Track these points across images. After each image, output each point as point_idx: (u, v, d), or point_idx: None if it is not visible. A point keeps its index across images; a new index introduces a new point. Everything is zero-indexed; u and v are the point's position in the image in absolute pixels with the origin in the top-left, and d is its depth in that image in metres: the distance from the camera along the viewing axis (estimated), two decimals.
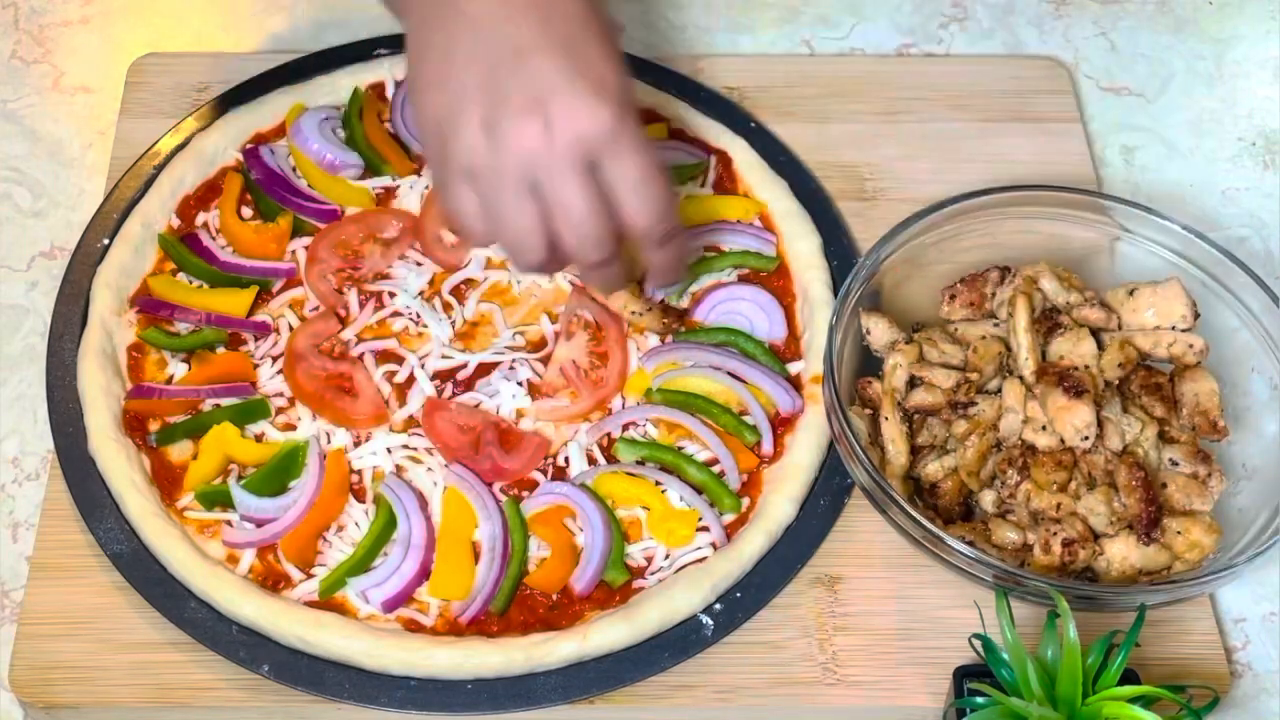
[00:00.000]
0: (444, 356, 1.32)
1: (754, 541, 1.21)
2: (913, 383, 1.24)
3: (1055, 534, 1.16)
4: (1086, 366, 1.20)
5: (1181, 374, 1.25)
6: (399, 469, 1.25)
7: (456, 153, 1.08)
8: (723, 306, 1.35)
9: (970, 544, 1.14)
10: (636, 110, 1.09)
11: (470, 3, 1.08)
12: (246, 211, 1.40)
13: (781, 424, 1.28)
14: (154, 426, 1.26)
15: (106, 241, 1.35)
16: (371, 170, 1.42)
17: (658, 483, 1.24)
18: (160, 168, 1.40)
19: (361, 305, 1.34)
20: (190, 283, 1.34)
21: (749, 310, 1.35)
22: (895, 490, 1.16)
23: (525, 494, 1.24)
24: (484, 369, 1.31)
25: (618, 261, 1.15)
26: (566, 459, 1.26)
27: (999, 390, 1.22)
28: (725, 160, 1.43)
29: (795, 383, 1.30)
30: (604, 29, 1.10)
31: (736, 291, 1.36)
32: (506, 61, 1.06)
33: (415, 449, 1.26)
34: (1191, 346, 1.24)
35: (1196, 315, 1.25)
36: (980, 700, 1.05)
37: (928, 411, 1.23)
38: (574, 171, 1.07)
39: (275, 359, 1.30)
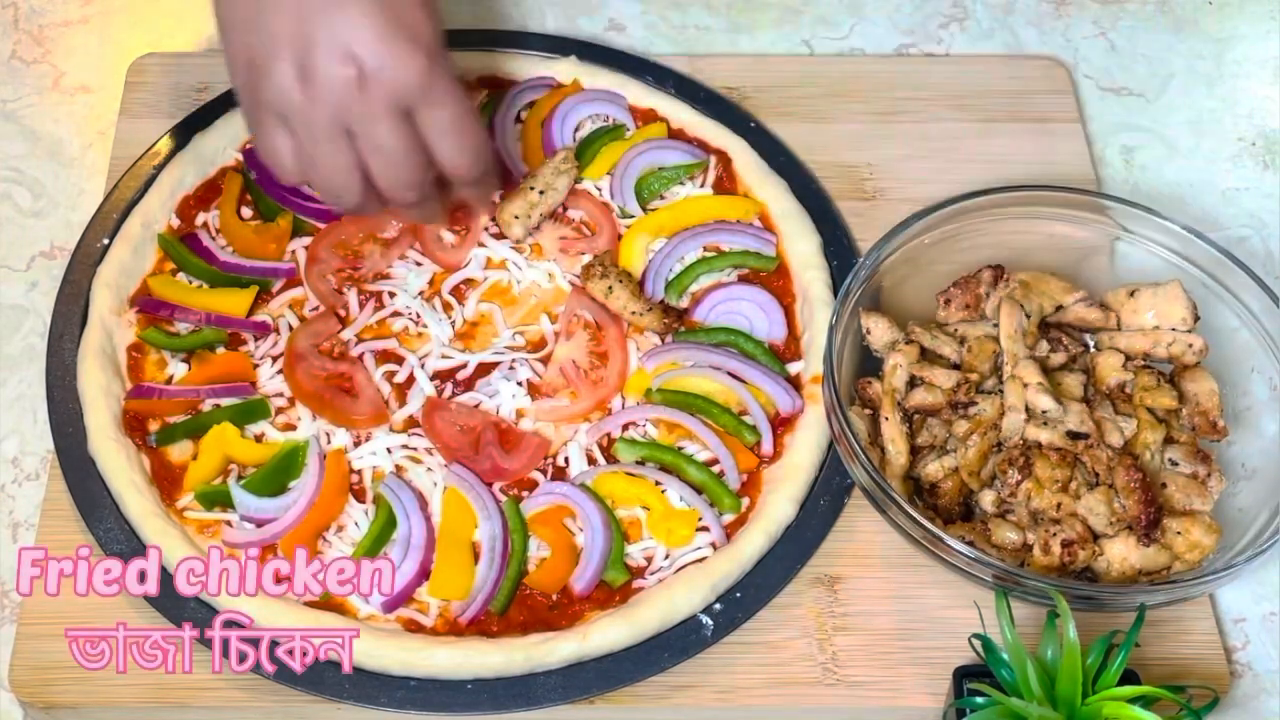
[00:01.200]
0: (444, 356, 1.32)
1: (754, 541, 1.21)
2: (913, 383, 1.24)
3: (1055, 534, 1.16)
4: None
5: (1181, 374, 1.25)
6: (399, 469, 1.25)
7: (269, 96, 1.11)
8: (723, 306, 1.35)
9: (970, 544, 1.14)
10: (448, 57, 1.12)
11: None
12: (246, 211, 1.40)
13: (781, 424, 1.28)
14: (154, 426, 1.26)
15: (106, 241, 1.35)
16: None
17: (658, 483, 1.24)
18: (160, 168, 1.40)
19: (361, 305, 1.34)
20: (190, 283, 1.34)
21: (749, 310, 1.35)
22: (895, 490, 1.16)
23: (525, 494, 1.24)
24: (484, 369, 1.31)
25: (434, 199, 1.19)
26: (566, 459, 1.26)
27: (999, 390, 1.22)
28: (725, 160, 1.43)
29: (795, 383, 1.30)
30: None
31: (736, 291, 1.36)
32: (323, 10, 1.08)
33: (415, 449, 1.26)
34: (1191, 346, 1.24)
35: (1196, 317, 1.25)
36: (980, 700, 1.05)
37: (928, 411, 1.23)
38: (387, 118, 1.10)
39: (275, 359, 1.30)
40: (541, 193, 1.38)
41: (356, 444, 1.26)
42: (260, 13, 1.10)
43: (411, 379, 1.30)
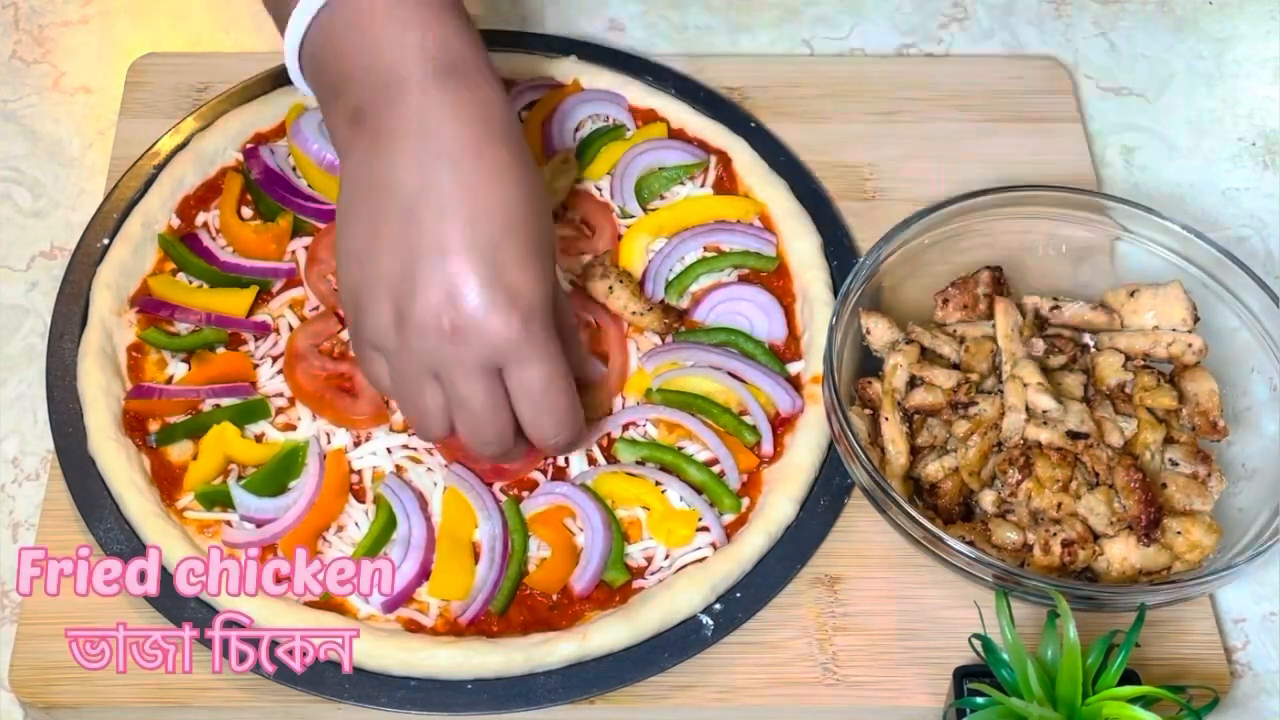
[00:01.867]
0: None
1: (754, 541, 1.21)
2: (913, 383, 1.24)
3: (1055, 534, 1.16)
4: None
5: (1181, 374, 1.25)
6: (399, 469, 1.25)
7: (367, 330, 1.11)
8: (723, 306, 1.35)
9: (970, 544, 1.14)
10: (549, 321, 1.10)
11: (401, 176, 1.08)
12: (246, 211, 1.40)
13: (781, 424, 1.28)
14: (154, 426, 1.26)
15: (106, 241, 1.35)
16: None
17: (658, 483, 1.24)
18: (160, 168, 1.40)
19: None
20: (190, 283, 1.34)
21: (749, 310, 1.35)
22: (895, 490, 1.16)
23: (525, 494, 1.24)
24: None
25: (518, 451, 1.17)
26: (567, 459, 1.26)
27: (999, 390, 1.22)
28: (725, 160, 1.43)
29: (795, 383, 1.30)
30: (531, 235, 1.09)
31: (736, 291, 1.36)
32: (426, 257, 1.07)
33: (415, 449, 1.26)
34: (1190, 346, 1.24)
35: (1196, 318, 1.25)
36: (980, 700, 1.05)
37: (928, 412, 1.23)
38: (475, 375, 1.09)
39: (275, 359, 1.30)
40: None
41: (356, 444, 1.26)
42: (372, 250, 1.09)
43: None
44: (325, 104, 1.16)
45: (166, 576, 1.18)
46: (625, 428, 1.28)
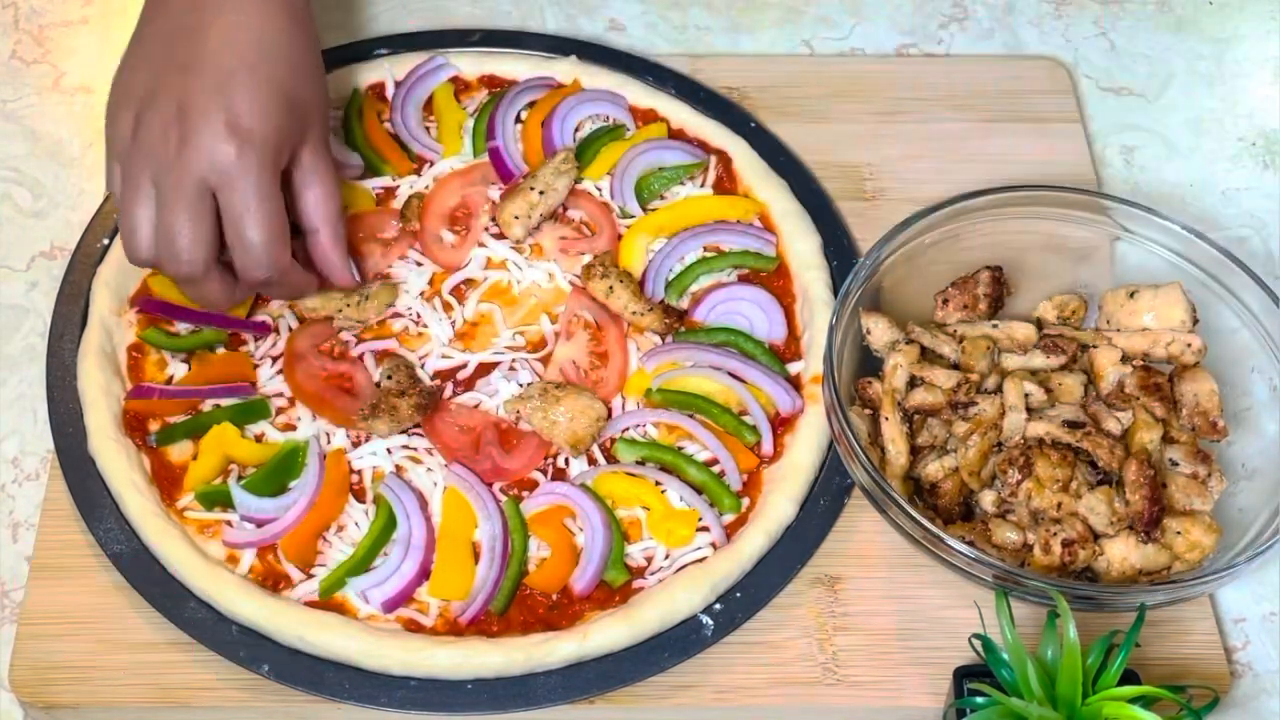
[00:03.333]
0: (444, 356, 1.32)
1: (754, 541, 1.21)
2: (913, 383, 1.24)
3: (1055, 534, 1.16)
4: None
5: (1181, 374, 1.25)
6: (399, 469, 1.25)
7: (113, 140, 1.20)
8: (723, 306, 1.35)
9: (970, 544, 1.14)
10: (269, 161, 1.17)
11: (175, 6, 1.20)
12: None
13: (781, 424, 1.28)
14: (154, 426, 1.26)
15: (106, 241, 1.35)
16: (371, 170, 1.42)
17: (658, 483, 1.24)
18: None
19: None
20: None
21: (749, 310, 1.35)
22: (895, 490, 1.16)
23: (525, 494, 1.24)
24: (484, 369, 1.31)
25: (209, 286, 1.20)
26: (566, 459, 1.26)
27: (999, 390, 1.22)
28: (725, 160, 1.43)
29: (795, 383, 1.30)
30: (272, 77, 1.18)
31: (736, 291, 1.36)
32: (170, 74, 1.17)
33: (415, 449, 1.26)
34: (1190, 346, 1.24)
35: (1195, 319, 1.25)
36: (980, 700, 1.05)
37: (928, 412, 1.23)
38: (185, 189, 1.15)
39: (275, 359, 1.30)
40: (541, 193, 1.38)
41: (356, 444, 1.26)
42: (133, 68, 1.21)
43: None
44: None
45: (168, 576, 1.18)
46: (625, 428, 1.28)
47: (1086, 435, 1.18)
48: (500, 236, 1.39)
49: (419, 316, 1.34)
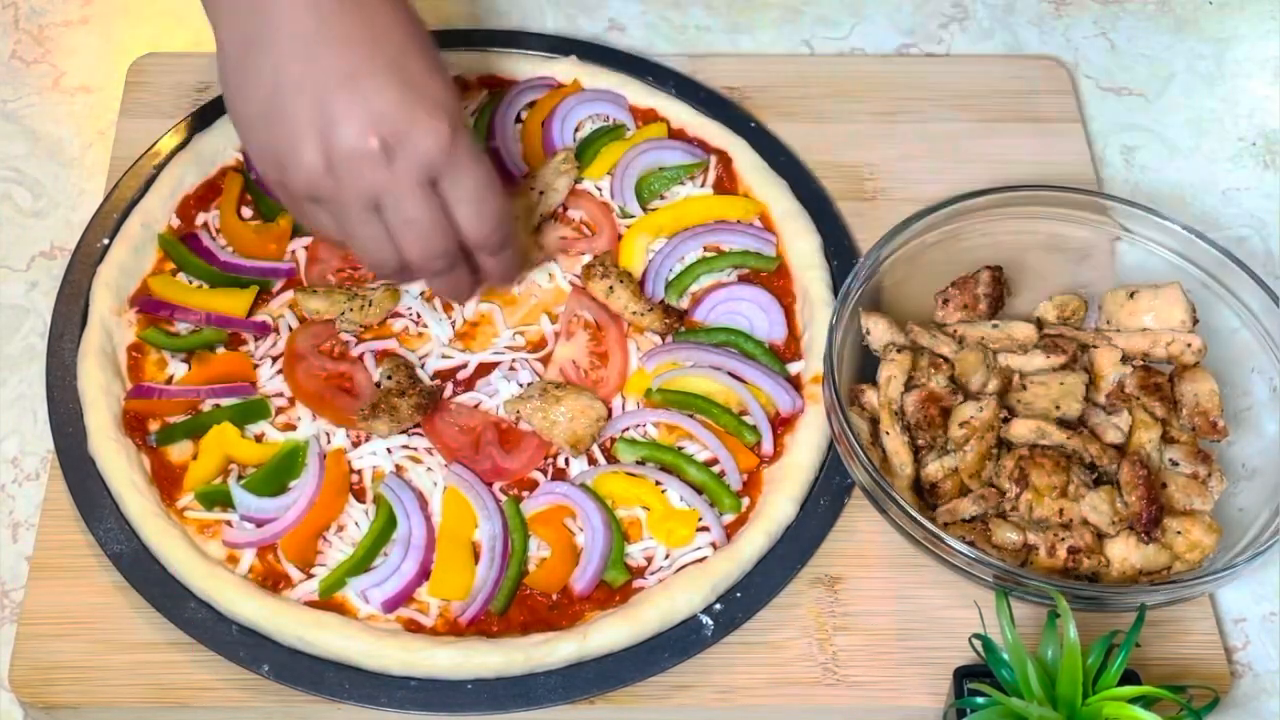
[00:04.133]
0: (444, 356, 1.32)
1: (754, 541, 1.21)
2: (910, 384, 1.24)
3: (1063, 539, 1.16)
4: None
5: (1181, 374, 1.25)
6: (399, 469, 1.25)
7: (299, 184, 1.10)
8: (723, 306, 1.35)
9: (970, 544, 1.14)
10: (467, 124, 1.12)
11: (289, 24, 1.08)
12: (246, 211, 1.40)
13: (781, 424, 1.28)
14: (154, 426, 1.26)
15: (106, 241, 1.35)
16: None
17: (658, 483, 1.24)
18: (160, 168, 1.40)
19: None
20: (190, 283, 1.34)
21: (749, 310, 1.35)
22: (895, 490, 1.16)
23: (525, 494, 1.24)
24: (484, 369, 1.31)
25: (463, 269, 1.19)
26: (567, 459, 1.26)
27: (992, 394, 1.22)
28: (725, 160, 1.43)
29: (795, 383, 1.30)
30: (427, 45, 1.12)
31: (736, 291, 1.36)
32: (339, 88, 1.07)
33: (415, 449, 1.26)
34: (1190, 346, 1.24)
35: (1195, 320, 1.25)
36: (980, 700, 1.05)
37: (924, 422, 1.23)
38: (415, 190, 1.10)
39: (275, 359, 1.30)
40: (541, 193, 1.38)
41: (356, 444, 1.26)
42: (275, 105, 1.09)
43: None
44: None
45: (168, 576, 1.18)
46: (625, 428, 1.28)
47: (1077, 434, 1.18)
48: None
49: (419, 316, 1.34)
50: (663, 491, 1.24)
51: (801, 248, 1.37)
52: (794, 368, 1.32)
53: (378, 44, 1.09)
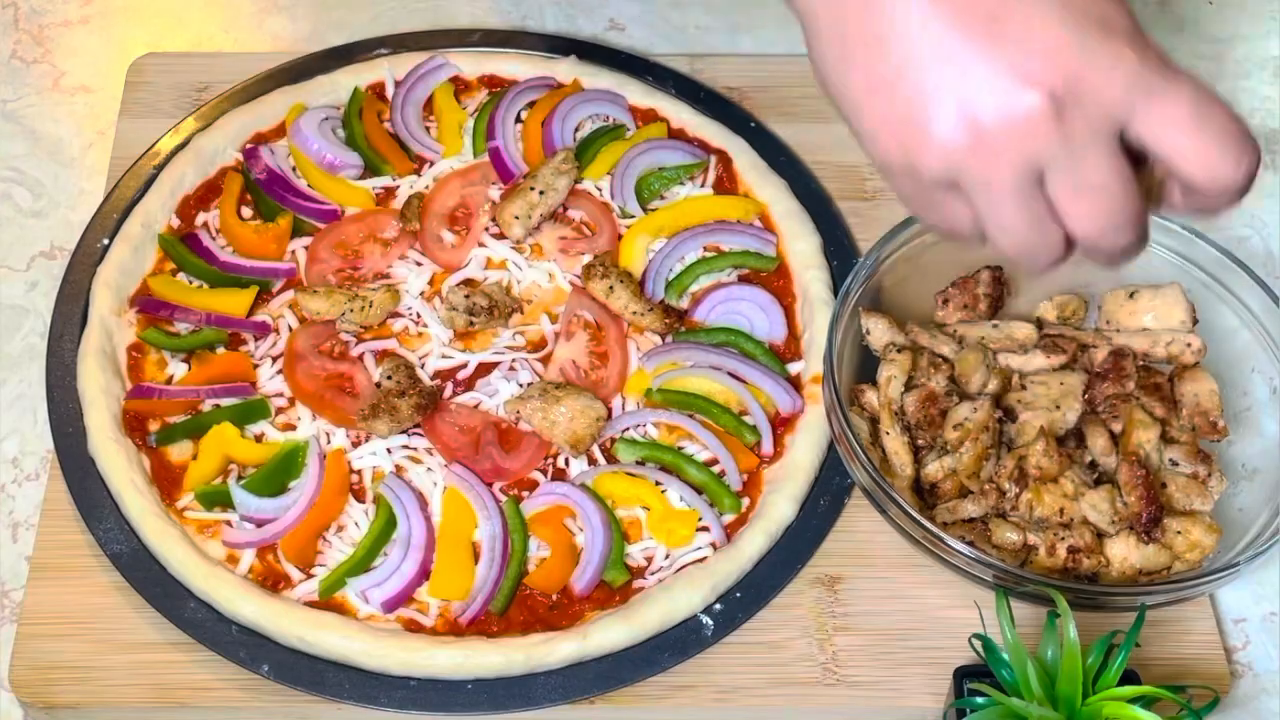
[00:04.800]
0: (444, 356, 1.32)
1: (754, 541, 1.21)
2: (910, 384, 1.24)
3: (1063, 539, 1.16)
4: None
5: (1181, 374, 1.25)
6: (399, 469, 1.25)
7: (924, 159, 0.86)
8: (723, 306, 1.35)
9: (970, 544, 1.14)
10: (1152, 42, 0.85)
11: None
12: (246, 211, 1.40)
13: (781, 424, 1.28)
14: (154, 426, 1.26)
15: (106, 241, 1.35)
16: (371, 170, 1.42)
17: (658, 483, 1.24)
18: (160, 168, 1.40)
19: None
20: (190, 283, 1.34)
21: (749, 310, 1.35)
22: (895, 490, 1.16)
23: (525, 494, 1.24)
24: (484, 369, 1.31)
25: (1143, 243, 0.91)
26: (567, 459, 1.26)
27: (991, 394, 1.22)
28: (725, 160, 1.43)
29: (795, 383, 1.30)
30: None
31: (736, 291, 1.36)
32: (982, 27, 0.82)
33: (415, 449, 1.26)
34: (1189, 346, 1.24)
35: (1195, 320, 1.25)
36: (980, 700, 1.05)
37: (924, 422, 1.23)
38: (1098, 146, 0.84)
39: (275, 359, 1.30)
40: (541, 193, 1.38)
41: (356, 444, 1.26)
42: (899, 81, 0.85)
43: None
44: None
45: (168, 576, 1.18)
46: (625, 428, 1.28)
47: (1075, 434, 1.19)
48: (500, 236, 1.39)
49: (419, 316, 1.34)
50: (663, 491, 1.24)
51: (801, 248, 1.37)
52: (794, 368, 1.32)
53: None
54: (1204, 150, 0.85)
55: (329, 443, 1.26)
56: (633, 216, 1.40)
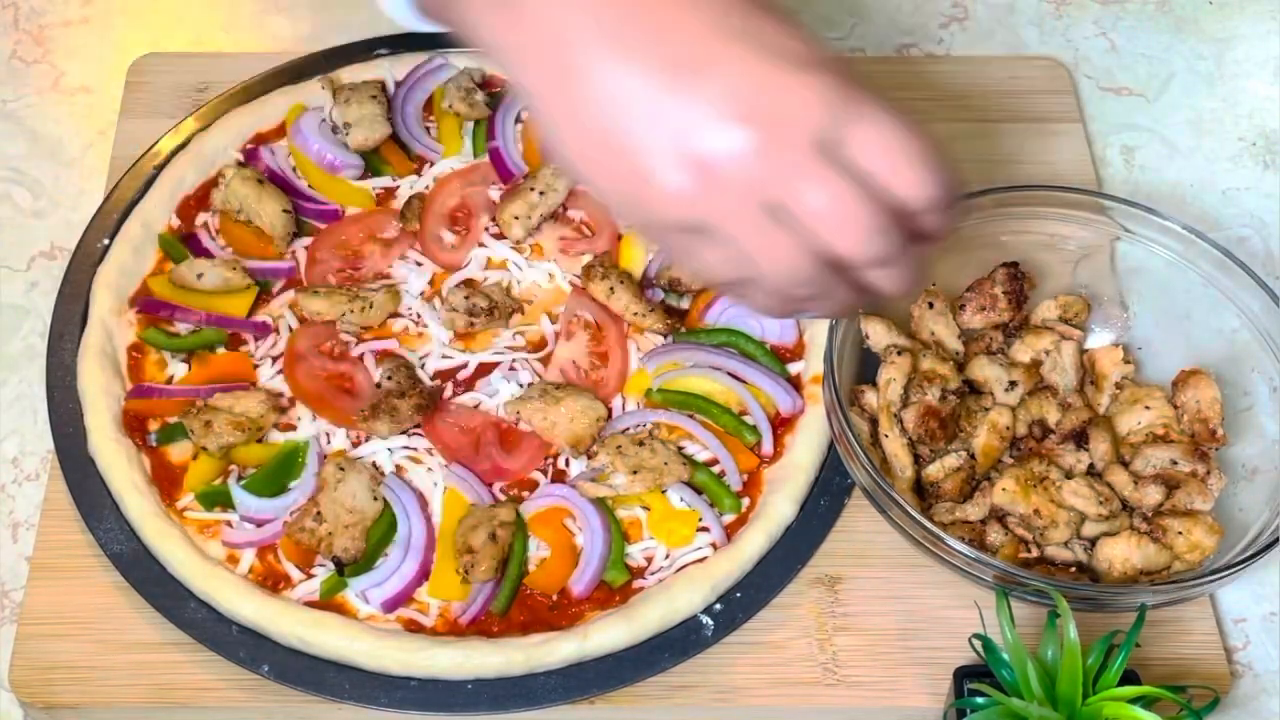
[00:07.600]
0: (444, 356, 1.32)
1: (754, 541, 1.21)
2: (906, 401, 1.24)
3: (1044, 533, 1.17)
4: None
5: (1184, 380, 1.25)
6: (399, 469, 1.25)
7: (659, 210, 0.87)
8: (733, 310, 1.34)
9: (970, 544, 1.14)
10: (847, 68, 0.89)
11: (591, 38, 0.86)
12: None
13: (781, 424, 1.28)
14: (154, 426, 1.26)
15: (106, 242, 1.35)
16: (371, 170, 1.42)
17: None
18: (160, 168, 1.40)
19: None
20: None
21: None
22: (895, 490, 1.16)
23: (525, 494, 1.24)
24: (484, 369, 1.31)
25: (909, 251, 0.92)
26: (567, 460, 1.26)
27: (988, 408, 1.23)
28: None
29: (795, 383, 1.30)
30: (772, 6, 0.89)
31: None
32: (680, 77, 0.84)
33: (415, 449, 1.26)
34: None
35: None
36: (980, 700, 1.05)
37: (925, 436, 1.23)
38: (817, 166, 0.86)
39: (275, 359, 1.30)
40: (541, 193, 1.38)
41: (356, 444, 1.26)
42: (614, 140, 0.86)
43: None
44: (451, 4, 0.95)
45: (168, 576, 1.18)
46: (625, 428, 1.28)
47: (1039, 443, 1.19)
48: (500, 237, 1.39)
49: (419, 317, 1.34)
50: (663, 492, 1.24)
51: None
52: (794, 368, 1.32)
53: (696, 9, 0.85)
54: (906, 171, 0.89)
55: (329, 443, 1.26)
56: None
